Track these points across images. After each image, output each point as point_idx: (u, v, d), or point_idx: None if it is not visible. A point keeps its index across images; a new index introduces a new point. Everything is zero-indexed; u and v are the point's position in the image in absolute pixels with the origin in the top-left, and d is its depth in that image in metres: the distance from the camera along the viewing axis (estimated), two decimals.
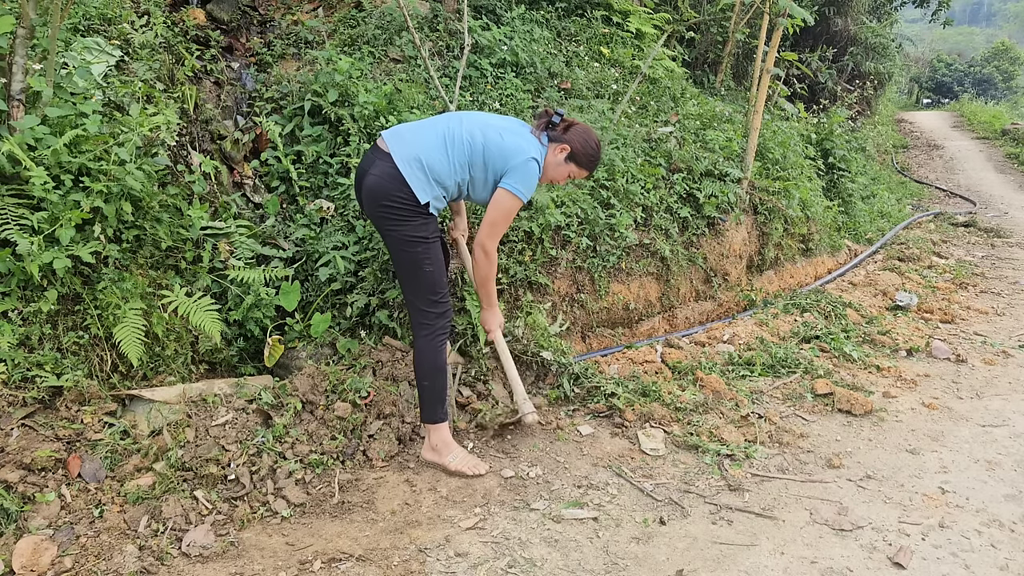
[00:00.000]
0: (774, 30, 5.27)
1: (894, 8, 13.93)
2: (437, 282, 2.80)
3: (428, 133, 2.76)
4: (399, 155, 2.68)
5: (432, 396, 2.84)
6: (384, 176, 2.68)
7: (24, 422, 2.47)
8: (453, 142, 2.73)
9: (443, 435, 2.88)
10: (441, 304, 2.82)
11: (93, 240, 2.74)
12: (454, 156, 2.73)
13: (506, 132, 2.79)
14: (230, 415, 2.79)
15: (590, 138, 2.89)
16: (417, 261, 2.74)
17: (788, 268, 5.85)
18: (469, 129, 2.76)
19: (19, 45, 2.70)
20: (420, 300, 2.80)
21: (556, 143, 2.87)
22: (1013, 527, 2.59)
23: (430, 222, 2.75)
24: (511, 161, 2.73)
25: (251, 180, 3.81)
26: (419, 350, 2.83)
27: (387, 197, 2.67)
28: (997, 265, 7.02)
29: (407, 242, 2.72)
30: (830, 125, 8.31)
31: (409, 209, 2.68)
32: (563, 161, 2.89)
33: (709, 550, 2.42)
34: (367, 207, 2.78)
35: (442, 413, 2.87)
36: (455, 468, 2.84)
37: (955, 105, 25.51)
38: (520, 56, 5.09)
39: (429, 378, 2.83)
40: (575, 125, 2.90)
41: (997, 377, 4.08)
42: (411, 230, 2.70)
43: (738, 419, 3.35)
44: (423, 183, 2.69)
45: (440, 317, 2.82)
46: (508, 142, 2.75)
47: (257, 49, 4.43)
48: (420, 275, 2.76)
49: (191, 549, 2.28)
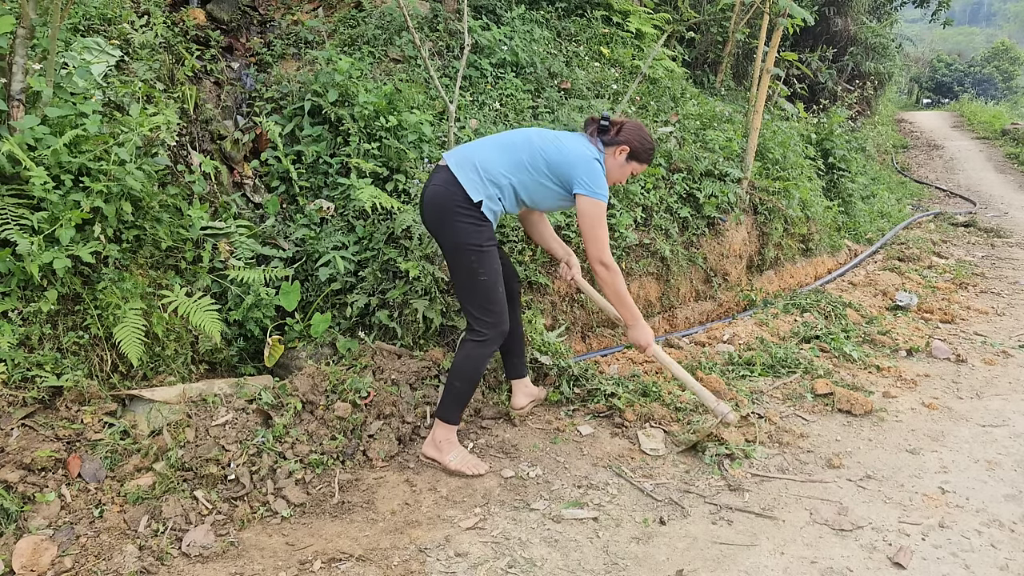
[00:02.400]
0: (774, 30, 5.28)
1: (894, 8, 13.93)
2: (492, 291, 2.80)
3: (486, 143, 2.86)
4: (454, 162, 2.78)
5: (457, 399, 2.86)
6: (440, 184, 2.76)
7: (24, 422, 2.47)
8: (512, 145, 2.82)
9: (449, 434, 2.89)
10: (495, 315, 2.81)
11: (93, 240, 2.74)
12: (510, 156, 2.79)
13: (563, 138, 2.86)
14: (230, 415, 2.79)
15: (643, 132, 2.97)
16: (471, 269, 2.75)
17: (788, 268, 5.85)
18: (526, 134, 2.86)
19: (19, 45, 2.70)
20: (474, 308, 2.81)
21: (613, 146, 2.93)
22: (1013, 527, 2.59)
23: (484, 228, 2.76)
24: (575, 165, 2.77)
25: (251, 180, 3.81)
26: (465, 353, 2.83)
27: (445, 203, 2.73)
28: (997, 265, 7.02)
29: (461, 249, 2.74)
30: (830, 125, 8.31)
31: (463, 212, 2.72)
32: (624, 162, 2.96)
33: (709, 550, 2.42)
34: (427, 218, 2.82)
35: (458, 418, 2.90)
36: (455, 467, 2.84)
37: (955, 105, 25.51)
38: (520, 56, 5.09)
39: (461, 381, 2.84)
40: (625, 124, 2.95)
41: (997, 377, 4.08)
42: (465, 235, 2.72)
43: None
44: (476, 183, 2.74)
45: (493, 327, 2.82)
46: (568, 147, 2.81)
47: (257, 49, 4.43)
48: (475, 284, 2.77)
49: (191, 549, 2.28)
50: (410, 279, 3.48)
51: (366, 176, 3.75)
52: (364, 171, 3.73)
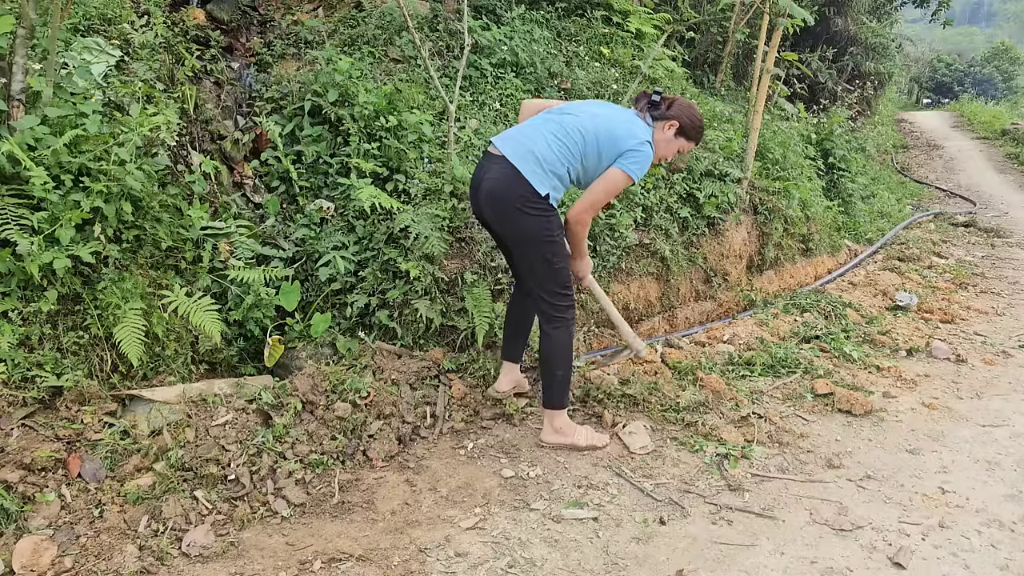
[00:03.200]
0: (774, 30, 5.28)
1: (894, 8, 13.91)
2: (566, 275, 2.91)
3: (539, 129, 2.83)
4: (514, 154, 2.77)
5: (563, 384, 2.98)
6: (503, 178, 2.76)
7: (24, 422, 2.47)
8: (567, 133, 2.80)
9: (565, 418, 3.05)
10: (569, 296, 2.93)
11: (93, 240, 2.74)
12: (568, 145, 2.80)
13: (615, 119, 2.85)
14: (230, 415, 2.79)
15: (694, 111, 2.98)
16: (547, 257, 2.83)
17: (788, 268, 5.85)
18: (580, 119, 2.84)
19: (19, 45, 2.70)
20: (550, 294, 2.89)
21: (663, 120, 2.95)
22: (1013, 527, 2.59)
23: (553, 216, 2.82)
24: (625, 145, 2.79)
25: (251, 180, 3.81)
26: (555, 341, 2.93)
27: (510, 197, 2.75)
28: (997, 265, 7.02)
29: (537, 240, 2.80)
30: (830, 125, 8.31)
31: (532, 204, 2.75)
32: (672, 137, 2.97)
33: (709, 550, 2.42)
34: (490, 211, 2.84)
35: (568, 400, 3.05)
36: (586, 443, 3.02)
37: (955, 105, 25.50)
38: (520, 56, 5.09)
39: (563, 367, 2.96)
40: (676, 100, 2.98)
41: (997, 377, 4.08)
42: (538, 225, 2.78)
43: (738, 419, 3.35)
44: (541, 176, 2.75)
45: (569, 309, 2.94)
46: (619, 128, 2.82)
47: (257, 49, 4.43)
48: (550, 270, 2.85)
49: (191, 549, 2.28)
50: (410, 279, 3.48)
51: (366, 176, 3.75)
52: (364, 171, 3.73)
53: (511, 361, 3.33)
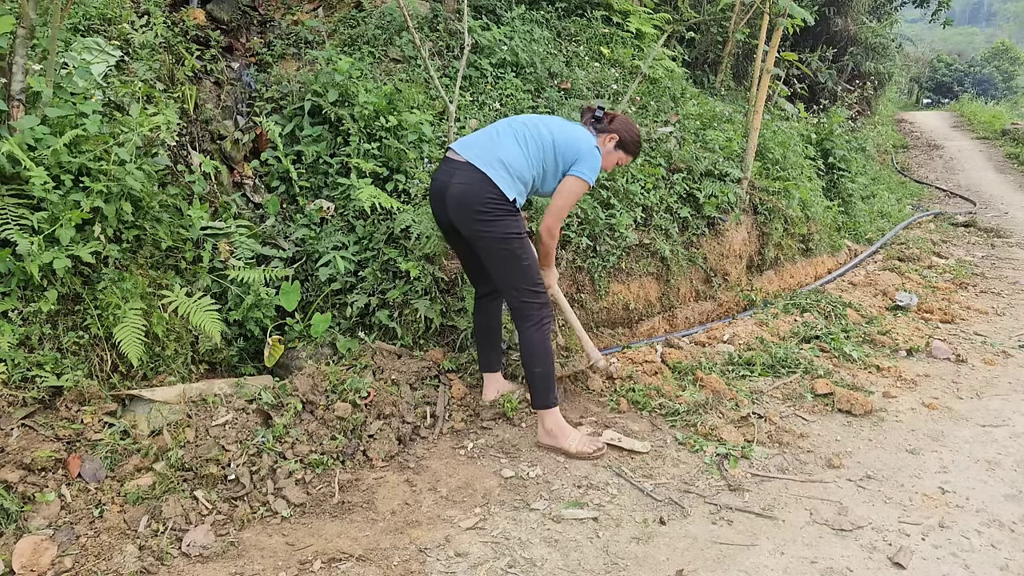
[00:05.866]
0: (774, 30, 5.27)
1: (894, 8, 13.92)
2: (536, 272, 2.98)
3: (502, 137, 2.95)
4: (482, 160, 2.86)
5: (545, 381, 2.97)
6: (473, 182, 2.83)
7: (24, 422, 2.47)
8: (527, 141, 2.94)
9: (557, 418, 3.02)
10: (542, 294, 2.98)
11: (93, 240, 2.74)
12: (531, 154, 2.93)
13: (567, 127, 3.02)
14: (230, 415, 2.79)
15: (632, 126, 3.19)
16: (516, 255, 2.89)
17: (788, 268, 5.85)
18: (537, 129, 2.98)
19: (19, 45, 2.70)
20: (522, 293, 2.94)
21: (604, 134, 3.14)
22: (1013, 527, 2.59)
23: (519, 218, 2.93)
24: (582, 152, 2.94)
25: (251, 180, 3.81)
26: (529, 339, 2.96)
27: (479, 201, 2.82)
28: (997, 265, 7.02)
29: (505, 239, 2.87)
30: (830, 125, 8.30)
31: (501, 208, 2.84)
32: (612, 149, 3.16)
33: (709, 550, 2.42)
34: (457, 214, 2.89)
35: (554, 397, 3.00)
36: (576, 450, 2.96)
37: (955, 105, 25.49)
38: (520, 56, 5.09)
39: (541, 364, 2.96)
40: (617, 116, 3.17)
41: (997, 377, 4.08)
42: (506, 227, 2.86)
43: (738, 419, 3.35)
44: (508, 181, 2.85)
45: (543, 307, 2.98)
46: (573, 134, 2.98)
47: (257, 49, 4.43)
48: (520, 268, 2.91)
49: (191, 549, 2.28)
50: (410, 279, 3.49)
51: (366, 176, 3.75)
52: (364, 171, 3.73)
53: (490, 372, 3.33)
